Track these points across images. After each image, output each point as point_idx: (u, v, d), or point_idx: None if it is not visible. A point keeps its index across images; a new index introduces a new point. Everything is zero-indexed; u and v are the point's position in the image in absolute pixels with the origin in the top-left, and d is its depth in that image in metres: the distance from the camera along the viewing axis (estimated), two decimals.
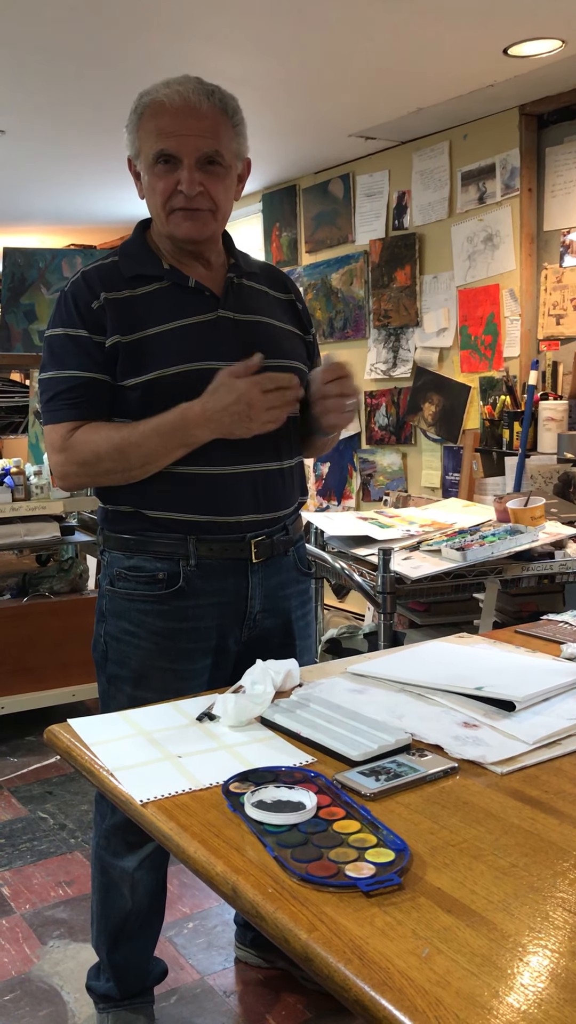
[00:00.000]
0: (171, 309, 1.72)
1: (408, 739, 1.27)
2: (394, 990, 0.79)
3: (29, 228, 6.56)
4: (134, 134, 1.70)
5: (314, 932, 0.88)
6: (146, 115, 1.67)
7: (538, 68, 3.47)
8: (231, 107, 1.70)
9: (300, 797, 1.10)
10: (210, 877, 1.01)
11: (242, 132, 1.73)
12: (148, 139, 1.67)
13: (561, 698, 1.42)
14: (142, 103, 1.69)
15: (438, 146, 4.36)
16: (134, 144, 1.71)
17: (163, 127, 1.65)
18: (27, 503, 3.53)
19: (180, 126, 1.64)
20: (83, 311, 1.70)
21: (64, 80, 3.55)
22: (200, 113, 1.65)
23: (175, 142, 1.64)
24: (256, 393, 1.64)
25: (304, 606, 1.93)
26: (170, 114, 1.64)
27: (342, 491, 5.23)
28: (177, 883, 2.56)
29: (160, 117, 1.65)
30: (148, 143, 1.67)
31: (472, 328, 4.27)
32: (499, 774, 1.19)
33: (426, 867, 0.98)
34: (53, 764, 3.40)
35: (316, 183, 5.11)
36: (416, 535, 2.70)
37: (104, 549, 1.82)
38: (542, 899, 0.92)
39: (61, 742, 1.36)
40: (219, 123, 1.67)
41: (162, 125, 1.65)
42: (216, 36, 3.11)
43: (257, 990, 2.15)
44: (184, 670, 1.76)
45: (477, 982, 0.80)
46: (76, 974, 2.20)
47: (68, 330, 1.71)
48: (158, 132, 1.65)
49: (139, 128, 1.69)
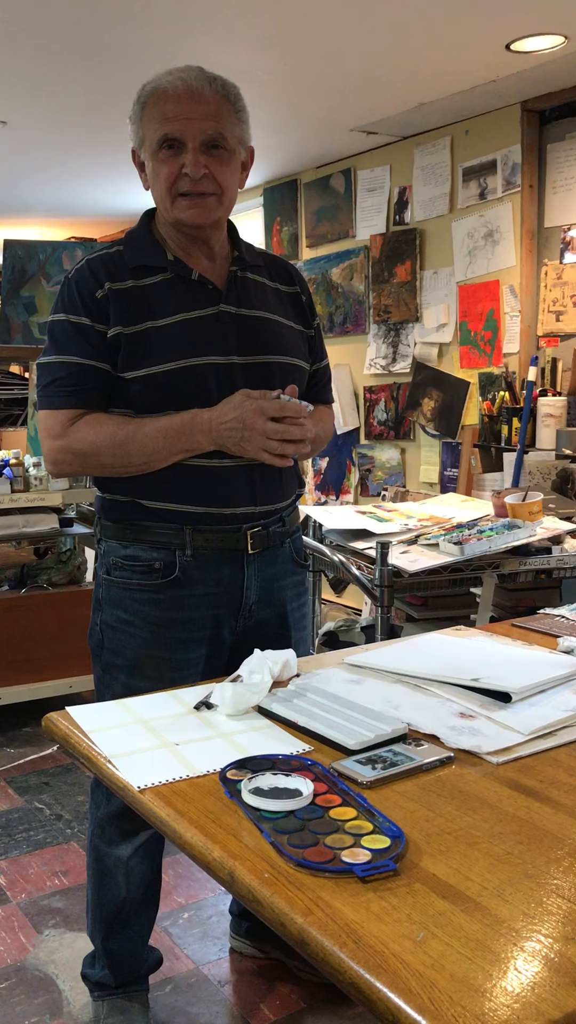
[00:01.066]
0: (173, 302, 1.73)
1: (404, 728, 1.27)
2: (389, 973, 0.80)
3: (29, 220, 6.55)
4: (137, 124, 1.71)
5: (310, 916, 0.89)
6: (149, 103, 1.68)
7: (540, 64, 3.47)
8: (233, 94, 1.70)
9: (297, 784, 1.11)
10: (207, 862, 1.01)
11: (244, 119, 1.73)
12: (151, 125, 1.67)
13: (557, 690, 1.43)
14: (144, 92, 1.69)
15: (439, 141, 4.36)
16: (138, 134, 1.72)
17: (166, 112, 1.65)
18: (26, 494, 3.53)
19: (183, 110, 1.64)
20: (86, 299, 1.70)
21: (66, 72, 3.54)
22: (203, 97, 1.65)
23: (179, 125, 1.64)
24: (257, 418, 1.64)
25: (300, 598, 1.93)
26: (173, 100, 1.65)
27: (340, 486, 5.23)
28: (172, 874, 2.57)
29: (163, 103, 1.66)
30: (151, 129, 1.67)
31: (472, 324, 4.28)
32: (495, 764, 1.20)
33: (421, 854, 0.99)
34: (50, 755, 3.41)
35: (317, 178, 5.11)
36: (414, 529, 2.71)
37: (101, 538, 1.83)
38: (536, 886, 0.93)
39: (59, 729, 1.37)
40: (222, 108, 1.67)
41: (165, 110, 1.65)
42: (219, 29, 3.11)
43: (252, 980, 2.16)
44: (179, 659, 1.77)
45: (471, 966, 0.81)
46: (71, 963, 2.21)
47: (70, 316, 1.71)
48: (161, 117, 1.65)
49: (142, 117, 1.69)
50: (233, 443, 1.66)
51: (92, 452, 1.70)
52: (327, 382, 2.00)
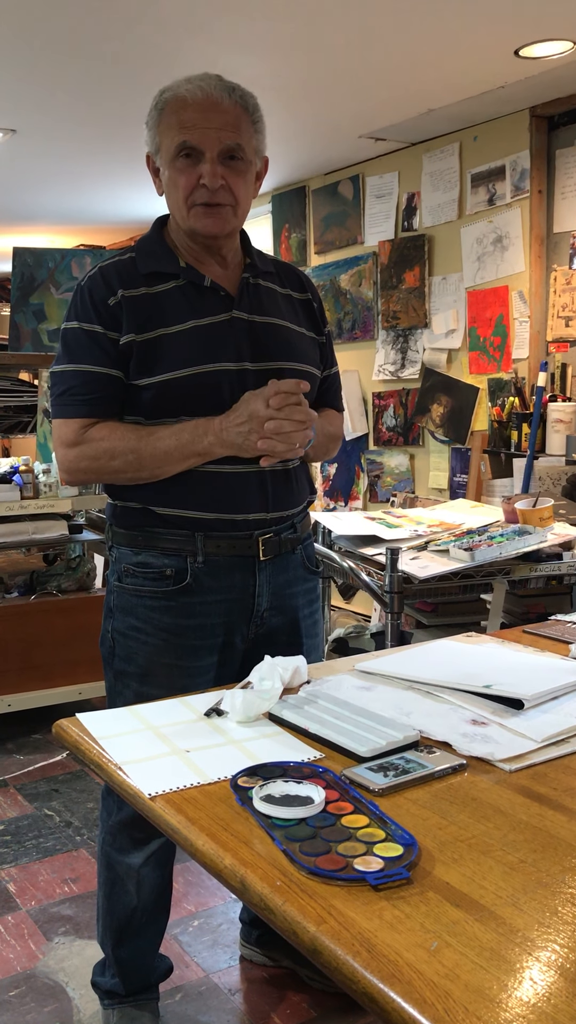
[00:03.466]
0: (186, 309, 1.72)
1: (416, 736, 1.27)
2: (403, 982, 0.79)
3: (39, 228, 6.57)
4: (154, 130, 1.71)
5: (323, 925, 0.88)
6: (167, 110, 1.68)
7: (549, 70, 3.47)
8: (251, 104, 1.71)
9: (308, 792, 1.10)
10: (219, 870, 1.01)
11: (261, 130, 1.74)
12: (169, 133, 1.67)
13: (570, 696, 1.42)
14: (163, 99, 1.69)
15: (448, 147, 4.36)
16: (154, 140, 1.72)
17: (185, 120, 1.65)
18: (35, 501, 3.53)
19: (202, 119, 1.64)
20: (99, 306, 1.70)
21: (75, 80, 3.56)
22: (222, 107, 1.65)
23: (197, 135, 1.64)
24: (258, 406, 1.64)
25: (311, 604, 1.93)
26: (192, 108, 1.65)
27: (349, 492, 5.23)
28: (182, 881, 2.56)
29: (182, 112, 1.66)
30: (169, 137, 1.67)
31: (481, 330, 4.27)
32: (507, 771, 1.19)
33: (434, 862, 0.98)
34: (59, 762, 3.41)
35: (326, 184, 5.12)
36: (424, 535, 2.70)
37: (112, 545, 1.83)
38: (551, 894, 0.92)
39: (70, 736, 1.36)
40: (240, 118, 1.68)
41: (184, 119, 1.65)
42: (227, 36, 3.11)
43: (262, 988, 2.15)
44: (190, 667, 1.76)
45: (486, 975, 0.80)
46: (81, 970, 2.20)
47: (83, 324, 1.71)
48: (180, 125, 1.65)
49: (159, 123, 1.69)
50: (242, 438, 1.66)
51: (105, 460, 1.70)
52: (337, 389, 1.99)
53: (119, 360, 1.69)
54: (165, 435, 1.68)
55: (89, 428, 1.70)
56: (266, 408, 1.64)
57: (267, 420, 1.64)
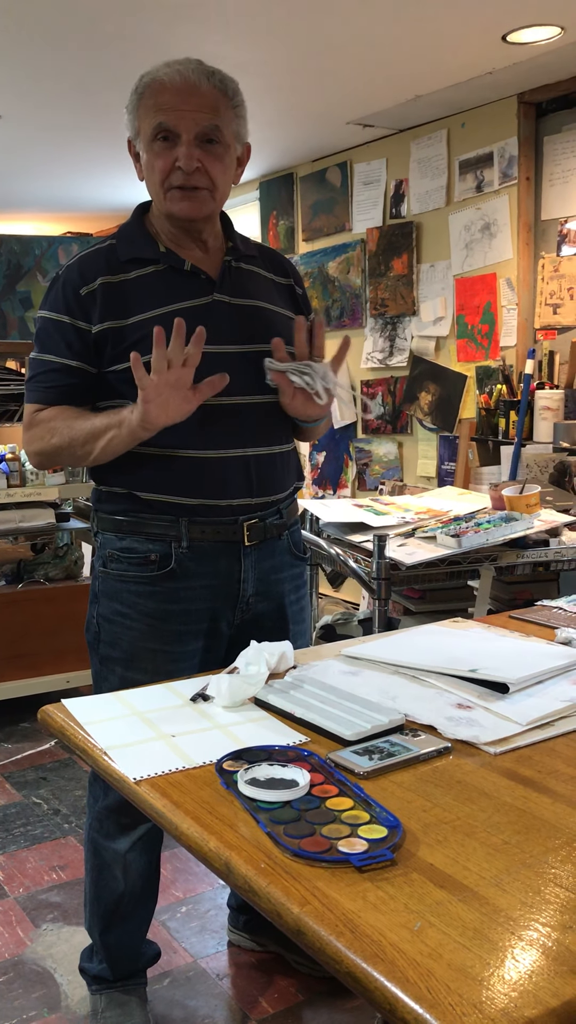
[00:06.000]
0: (166, 293, 1.72)
1: (402, 719, 1.27)
2: (386, 962, 0.80)
3: (25, 215, 6.53)
4: (134, 114, 1.71)
5: (306, 906, 0.88)
6: (146, 94, 1.68)
7: (537, 55, 3.46)
8: (231, 88, 1.70)
9: (293, 775, 1.11)
10: (203, 853, 1.01)
11: (242, 115, 1.73)
12: (147, 116, 1.67)
13: (555, 681, 1.43)
14: (142, 83, 1.69)
15: (436, 134, 4.35)
16: (133, 124, 1.72)
17: (162, 103, 1.65)
18: (22, 489, 3.52)
19: (179, 102, 1.64)
20: (70, 297, 1.71)
21: (62, 66, 3.53)
22: (200, 91, 1.66)
23: (174, 116, 1.64)
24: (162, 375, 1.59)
25: (298, 590, 1.93)
26: (170, 91, 1.65)
27: (337, 480, 5.23)
28: (170, 868, 2.57)
29: (160, 95, 1.66)
30: (147, 120, 1.67)
31: (469, 317, 4.27)
32: (492, 754, 1.20)
33: (419, 844, 0.98)
34: (47, 750, 3.40)
35: (314, 171, 5.10)
36: (411, 522, 2.70)
37: (97, 531, 1.83)
38: (534, 875, 0.92)
39: (55, 722, 1.36)
40: (219, 102, 1.67)
41: (161, 101, 1.65)
42: (215, 22, 3.09)
43: (250, 973, 2.16)
44: (176, 652, 1.76)
45: (469, 955, 0.80)
46: (69, 957, 2.21)
47: (52, 314, 1.74)
48: (157, 108, 1.66)
49: (139, 107, 1.69)
50: (157, 408, 1.60)
51: (48, 439, 1.73)
52: None
53: (86, 350, 1.71)
54: (98, 415, 1.70)
55: (42, 411, 1.75)
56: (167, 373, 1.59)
57: (170, 381, 1.59)
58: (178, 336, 1.58)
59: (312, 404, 1.77)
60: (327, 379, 1.74)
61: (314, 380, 1.73)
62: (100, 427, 1.68)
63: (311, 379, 1.73)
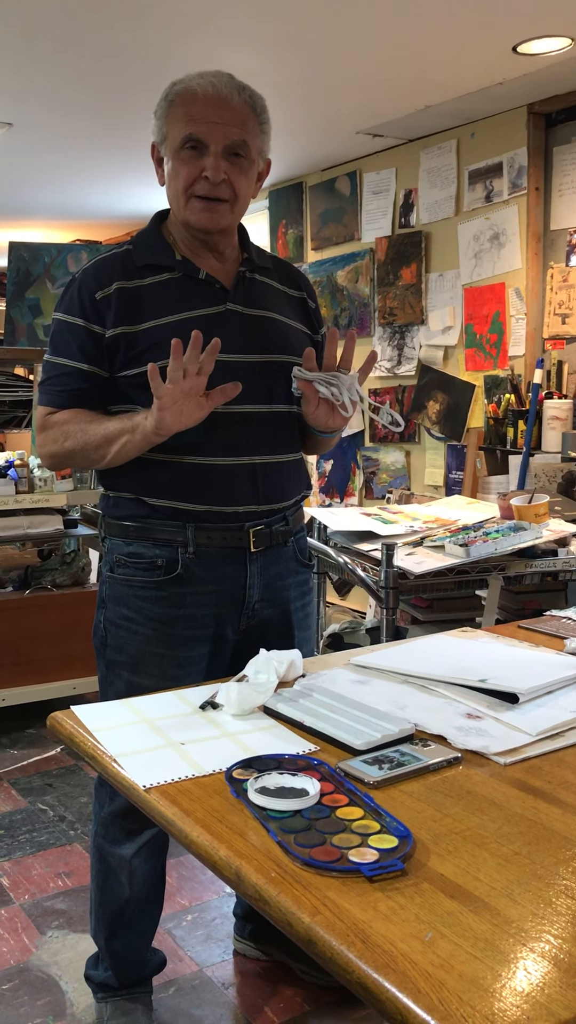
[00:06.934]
0: (180, 300, 1.73)
1: (411, 729, 1.27)
2: (397, 972, 0.79)
3: (35, 222, 6.55)
4: (162, 120, 1.73)
5: (317, 916, 0.88)
6: (176, 102, 1.70)
7: (547, 66, 3.46)
8: (260, 105, 1.75)
9: (303, 784, 1.10)
10: (214, 862, 1.01)
11: (267, 131, 1.78)
12: (177, 124, 1.69)
13: (564, 691, 1.42)
14: (174, 90, 1.71)
15: (445, 144, 4.36)
16: (161, 130, 1.74)
17: (193, 113, 1.68)
18: (30, 495, 3.53)
19: (210, 114, 1.67)
20: (85, 300, 1.72)
21: (72, 74, 3.54)
22: (231, 104, 1.69)
23: (204, 128, 1.67)
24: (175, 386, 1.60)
25: (303, 597, 1.93)
26: (202, 102, 1.68)
27: (345, 488, 5.23)
28: (176, 875, 2.56)
29: (191, 104, 1.68)
30: (176, 128, 1.69)
31: (477, 326, 4.27)
32: (502, 764, 1.20)
33: (429, 854, 0.98)
34: (53, 756, 3.40)
35: (323, 180, 5.11)
36: (420, 531, 2.70)
37: (105, 536, 1.84)
38: (545, 886, 0.92)
39: (64, 728, 1.36)
40: (248, 117, 1.71)
41: (192, 112, 1.68)
42: (225, 31, 3.11)
43: (255, 982, 2.15)
44: (181, 657, 1.77)
45: (480, 966, 0.80)
46: (74, 964, 2.20)
47: (67, 317, 1.75)
48: (188, 118, 1.68)
49: (168, 114, 1.72)
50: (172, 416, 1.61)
51: (61, 442, 1.75)
52: None
53: (99, 354, 1.72)
54: (111, 419, 1.71)
55: (55, 414, 1.76)
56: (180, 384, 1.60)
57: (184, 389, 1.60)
58: (195, 347, 1.59)
59: (336, 415, 1.78)
60: (353, 391, 1.75)
61: (341, 391, 1.74)
62: (114, 432, 1.69)
63: (338, 390, 1.74)
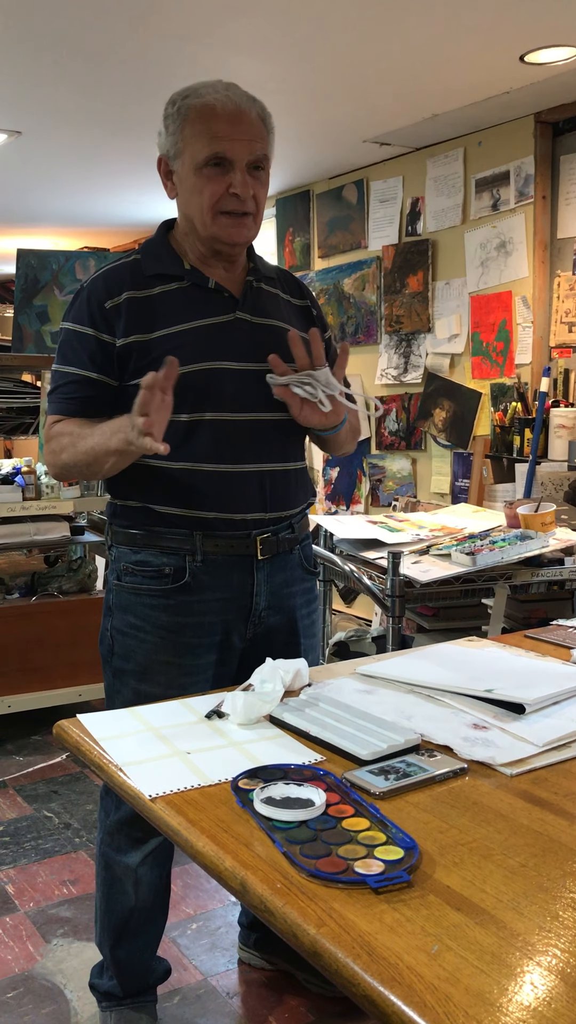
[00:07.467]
0: (189, 309, 1.74)
1: (417, 739, 1.26)
2: (403, 985, 0.79)
3: (43, 230, 6.58)
4: (176, 135, 1.70)
5: (323, 927, 0.88)
6: (193, 117, 1.68)
7: (554, 75, 3.47)
8: (268, 115, 1.75)
9: (309, 794, 1.10)
10: (219, 872, 1.01)
11: (273, 140, 1.78)
12: (198, 141, 1.67)
13: (571, 701, 1.42)
14: (187, 104, 1.69)
15: (452, 153, 4.36)
16: (175, 145, 1.71)
17: (217, 131, 1.66)
18: (37, 502, 3.53)
19: (232, 131, 1.67)
20: (94, 309, 1.72)
21: (80, 82, 3.56)
22: (249, 118, 1.69)
23: (228, 145, 1.66)
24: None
25: (309, 604, 1.93)
26: (223, 119, 1.66)
27: (351, 496, 5.23)
28: (181, 884, 2.56)
29: (213, 121, 1.66)
30: (198, 145, 1.67)
31: (484, 335, 4.27)
32: (508, 775, 1.19)
33: (435, 865, 0.98)
34: (59, 763, 3.40)
35: (330, 188, 5.12)
36: (426, 539, 2.70)
37: (112, 544, 1.84)
38: (552, 899, 0.92)
39: (70, 737, 1.36)
40: (262, 129, 1.72)
41: (216, 129, 1.66)
42: (232, 40, 3.12)
43: (260, 992, 2.15)
44: (188, 665, 1.76)
45: (486, 979, 0.80)
46: (79, 972, 2.20)
47: (76, 326, 1.75)
48: (211, 135, 1.66)
49: (184, 129, 1.69)
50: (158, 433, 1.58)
51: (59, 454, 1.74)
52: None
53: (108, 363, 1.72)
54: (94, 432, 1.68)
55: (59, 423, 1.76)
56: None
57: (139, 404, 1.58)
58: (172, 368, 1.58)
59: (319, 412, 1.77)
60: (329, 385, 1.75)
61: (316, 389, 1.74)
62: (100, 451, 1.66)
63: (312, 388, 1.74)
